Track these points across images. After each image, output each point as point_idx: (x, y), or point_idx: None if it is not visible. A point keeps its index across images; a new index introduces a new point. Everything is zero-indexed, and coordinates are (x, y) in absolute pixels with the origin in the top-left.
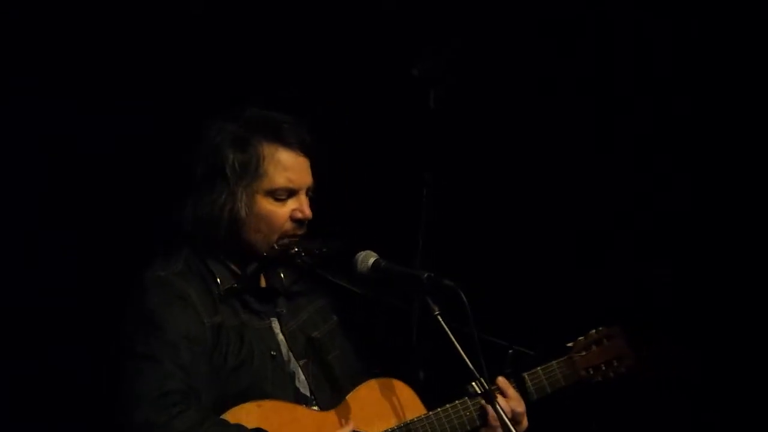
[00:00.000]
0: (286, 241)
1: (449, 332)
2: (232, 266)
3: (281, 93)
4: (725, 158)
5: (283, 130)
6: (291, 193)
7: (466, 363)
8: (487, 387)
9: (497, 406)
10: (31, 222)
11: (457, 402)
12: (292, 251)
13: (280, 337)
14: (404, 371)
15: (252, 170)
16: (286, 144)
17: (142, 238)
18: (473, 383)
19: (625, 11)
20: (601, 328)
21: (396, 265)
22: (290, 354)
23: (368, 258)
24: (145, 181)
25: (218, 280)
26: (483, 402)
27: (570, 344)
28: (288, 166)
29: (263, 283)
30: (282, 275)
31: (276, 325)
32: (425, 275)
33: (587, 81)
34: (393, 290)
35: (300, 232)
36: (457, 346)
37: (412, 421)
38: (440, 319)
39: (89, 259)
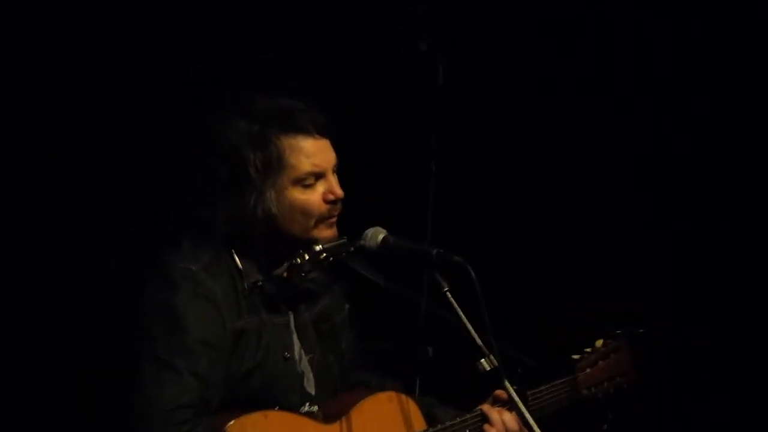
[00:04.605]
0: (316, 247)
1: (458, 309)
2: (264, 260)
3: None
4: (726, 156)
5: (296, 117)
6: (318, 176)
7: (475, 340)
8: (496, 364)
9: (506, 385)
10: (31, 222)
11: (457, 419)
12: (321, 257)
13: (294, 333)
14: (413, 350)
15: (275, 166)
16: (304, 131)
17: (142, 238)
18: (482, 360)
19: (625, 11)
20: (609, 341)
21: (405, 241)
22: (301, 351)
23: (377, 234)
24: (146, 181)
25: (243, 274)
26: (483, 425)
27: (576, 356)
28: (310, 153)
29: (285, 275)
30: (303, 266)
31: (292, 320)
32: (434, 251)
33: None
34: (404, 274)
35: (336, 213)
36: (466, 322)
37: None
38: (449, 296)
39: (89, 259)
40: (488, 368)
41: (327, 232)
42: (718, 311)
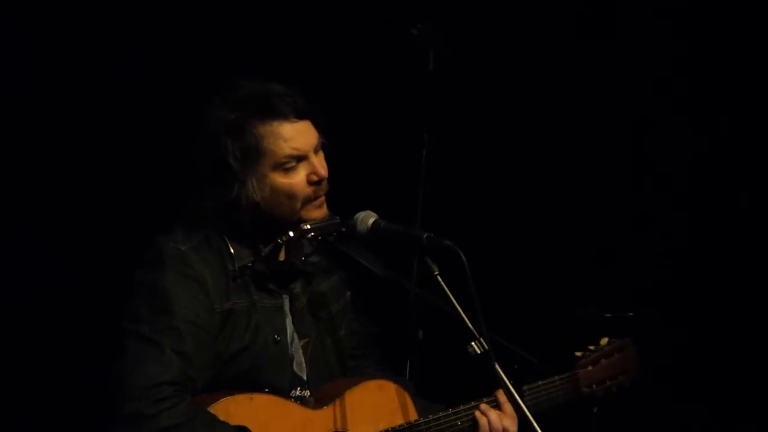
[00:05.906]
0: (304, 225)
1: (448, 292)
2: (256, 244)
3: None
4: (729, 156)
5: (273, 102)
6: (299, 159)
7: (466, 323)
8: (486, 347)
9: (496, 367)
10: (30, 222)
11: (450, 410)
12: (309, 236)
13: (288, 316)
14: (404, 333)
15: (254, 154)
16: (280, 116)
17: (142, 238)
18: (472, 343)
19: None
20: (613, 340)
21: (395, 225)
22: (294, 335)
23: (368, 218)
24: (146, 180)
25: (234, 258)
26: (476, 413)
27: (579, 353)
28: (288, 137)
29: (282, 256)
30: (303, 248)
31: (287, 304)
32: (425, 235)
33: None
34: (395, 254)
35: (322, 193)
36: (457, 305)
37: (401, 427)
38: (440, 279)
39: (89, 259)
40: (478, 351)
41: (315, 213)
42: (709, 311)
